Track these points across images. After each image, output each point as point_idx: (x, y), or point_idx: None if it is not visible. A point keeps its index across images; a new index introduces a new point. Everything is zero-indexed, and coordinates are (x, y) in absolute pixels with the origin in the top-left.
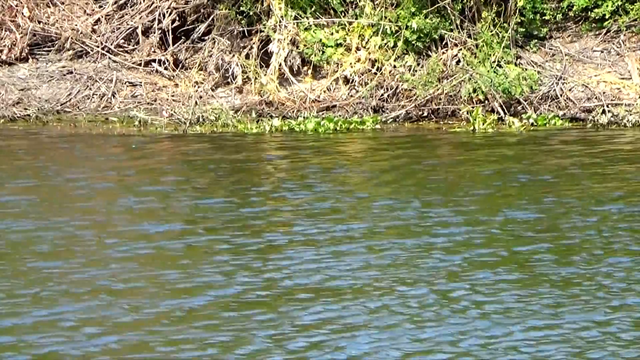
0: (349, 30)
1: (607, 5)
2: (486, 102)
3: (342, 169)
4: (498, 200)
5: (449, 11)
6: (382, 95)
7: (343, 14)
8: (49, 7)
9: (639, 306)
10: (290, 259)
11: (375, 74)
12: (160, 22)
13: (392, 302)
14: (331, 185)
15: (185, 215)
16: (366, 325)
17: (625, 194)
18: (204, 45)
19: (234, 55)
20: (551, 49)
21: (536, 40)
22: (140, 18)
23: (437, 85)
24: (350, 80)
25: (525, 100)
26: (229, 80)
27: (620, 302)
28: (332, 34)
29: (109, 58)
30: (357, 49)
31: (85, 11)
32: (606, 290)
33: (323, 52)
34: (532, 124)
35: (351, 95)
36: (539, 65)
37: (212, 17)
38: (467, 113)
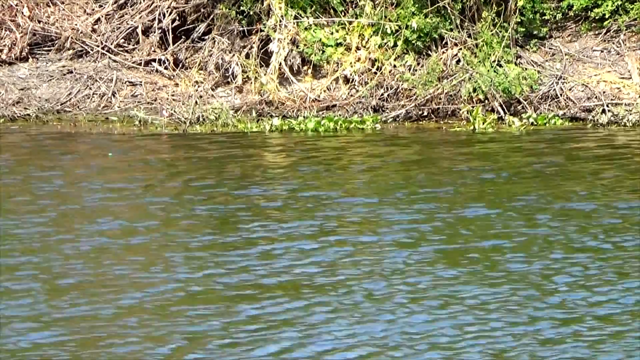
0: (349, 29)
1: (607, 5)
2: (486, 101)
3: (318, 167)
4: (459, 198)
5: (449, 11)
6: (382, 94)
7: (343, 14)
8: (49, 6)
9: (562, 306)
10: (243, 257)
11: (375, 73)
12: (160, 21)
13: (335, 298)
14: (304, 183)
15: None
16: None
17: (588, 193)
18: (204, 44)
19: (234, 55)
20: (551, 48)
21: (536, 40)
22: (140, 17)
23: (437, 85)
24: (350, 80)
25: (525, 100)
26: (229, 79)
27: (546, 302)
28: (332, 33)
29: (109, 58)
30: (357, 48)
31: (85, 11)
32: (539, 288)
33: (323, 51)
34: (532, 124)
35: (351, 95)
36: (539, 65)
37: (212, 16)
38: (467, 112)
